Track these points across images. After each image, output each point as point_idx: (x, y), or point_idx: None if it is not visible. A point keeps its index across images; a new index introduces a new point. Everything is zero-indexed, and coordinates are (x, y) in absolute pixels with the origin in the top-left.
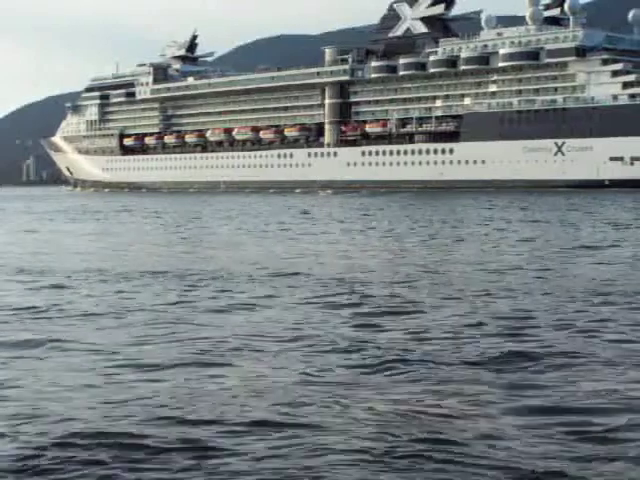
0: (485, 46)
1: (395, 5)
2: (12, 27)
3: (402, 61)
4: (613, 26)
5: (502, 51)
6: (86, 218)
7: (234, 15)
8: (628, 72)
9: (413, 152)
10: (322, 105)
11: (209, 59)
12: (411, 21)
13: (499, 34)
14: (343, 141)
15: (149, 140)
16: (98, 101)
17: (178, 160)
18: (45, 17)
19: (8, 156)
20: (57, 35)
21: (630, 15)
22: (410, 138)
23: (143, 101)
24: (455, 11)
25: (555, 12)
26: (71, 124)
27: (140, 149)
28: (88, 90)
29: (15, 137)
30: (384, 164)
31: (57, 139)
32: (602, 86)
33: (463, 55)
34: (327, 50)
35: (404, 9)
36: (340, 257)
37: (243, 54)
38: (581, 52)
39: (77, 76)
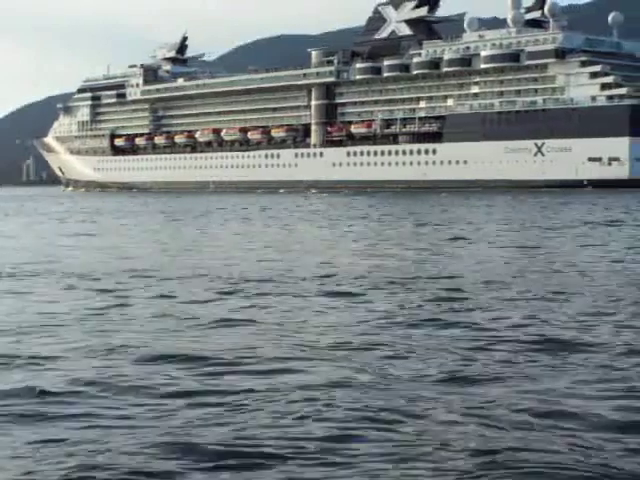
0: (467, 48)
1: (380, 7)
2: (12, 27)
3: (386, 63)
4: (609, 27)
5: (484, 53)
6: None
7: (234, 15)
8: (606, 74)
9: (397, 152)
10: (309, 106)
11: (207, 59)
12: (396, 23)
13: (481, 36)
14: (329, 142)
15: (139, 141)
16: (89, 102)
17: (168, 160)
18: (45, 17)
19: (8, 156)
20: (57, 35)
21: (610, 17)
22: (394, 139)
23: (134, 102)
24: (439, 13)
25: (536, 15)
26: (63, 125)
27: (131, 149)
28: (80, 91)
29: (15, 137)
30: (369, 164)
31: (49, 139)
32: (581, 87)
33: (446, 57)
34: (313, 52)
35: (389, 11)
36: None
37: (243, 54)
38: (560, 54)
39: (77, 76)
